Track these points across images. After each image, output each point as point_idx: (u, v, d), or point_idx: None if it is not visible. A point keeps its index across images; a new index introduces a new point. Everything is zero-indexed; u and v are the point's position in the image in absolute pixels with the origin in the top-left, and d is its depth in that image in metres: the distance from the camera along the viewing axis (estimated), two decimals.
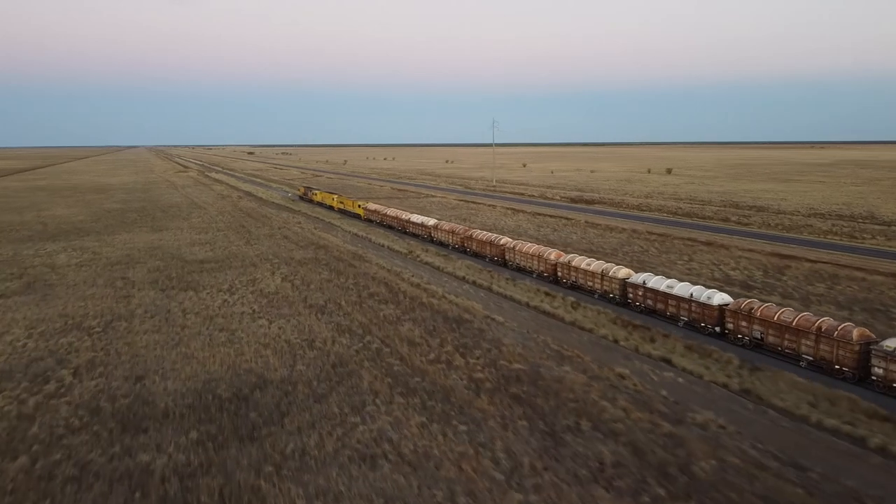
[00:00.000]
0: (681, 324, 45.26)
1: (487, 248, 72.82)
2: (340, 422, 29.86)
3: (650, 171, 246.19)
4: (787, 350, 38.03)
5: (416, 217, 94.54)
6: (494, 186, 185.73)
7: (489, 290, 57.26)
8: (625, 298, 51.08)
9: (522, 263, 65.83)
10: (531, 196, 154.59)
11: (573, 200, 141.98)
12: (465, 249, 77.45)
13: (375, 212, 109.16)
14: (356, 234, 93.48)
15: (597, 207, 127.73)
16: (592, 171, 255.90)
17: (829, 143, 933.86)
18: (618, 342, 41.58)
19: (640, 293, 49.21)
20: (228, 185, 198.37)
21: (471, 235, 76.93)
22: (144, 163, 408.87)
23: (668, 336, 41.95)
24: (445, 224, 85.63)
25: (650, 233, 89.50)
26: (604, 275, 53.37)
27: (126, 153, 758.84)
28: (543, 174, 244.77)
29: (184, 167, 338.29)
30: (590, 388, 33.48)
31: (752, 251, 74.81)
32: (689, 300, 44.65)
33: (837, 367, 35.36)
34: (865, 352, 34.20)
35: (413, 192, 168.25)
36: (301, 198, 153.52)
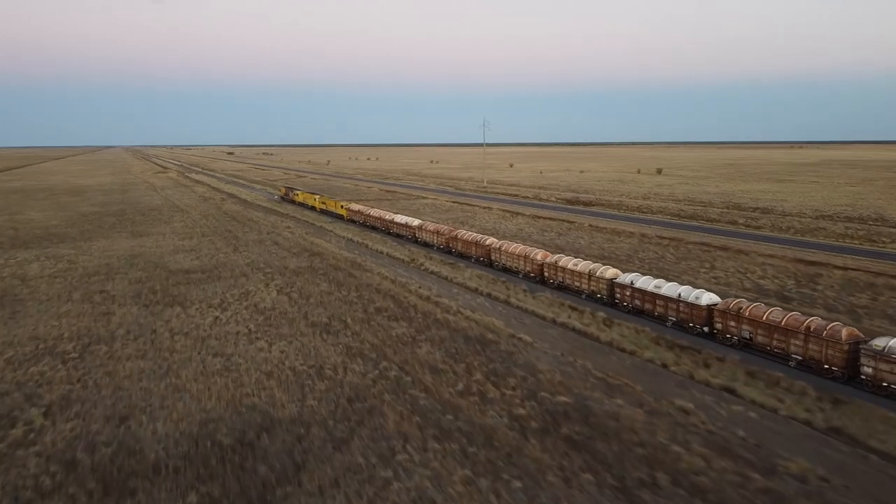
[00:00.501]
0: (669, 324, 44.89)
1: (473, 249, 71.34)
2: (369, 477, 24.91)
3: (640, 172, 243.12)
4: (776, 350, 37.83)
5: (400, 217, 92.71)
6: (486, 187, 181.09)
7: (507, 304, 52.41)
8: (612, 299, 50.67)
9: (508, 264, 64.52)
10: (525, 197, 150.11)
11: (569, 202, 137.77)
12: (451, 250, 75.77)
13: (358, 212, 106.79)
14: (351, 240, 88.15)
15: (596, 209, 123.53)
16: (582, 172, 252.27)
17: (809, 143, 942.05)
18: (667, 367, 36.93)
19: (628, 293, 48.70)
20: (210, 187, 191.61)
21: (456, 236, 75.63)
22: (122, 163, 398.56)
23: (724, 360, 37.33)
24: (430, 224, 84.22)
25: (660, 237, 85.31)
26: (591, 275, 52.90)
27: (103, 153, 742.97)
28: (533, 174, 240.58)
29: (163, 168, 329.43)
30: (653, 428, 28.84)
31: (773, 257, 70.84)
32: (678, 300, 44.28)
33: (826, 367, 35.25)
34: (854, 351, 34.15)
35: (402, 194, 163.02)
36: (282, 198, 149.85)
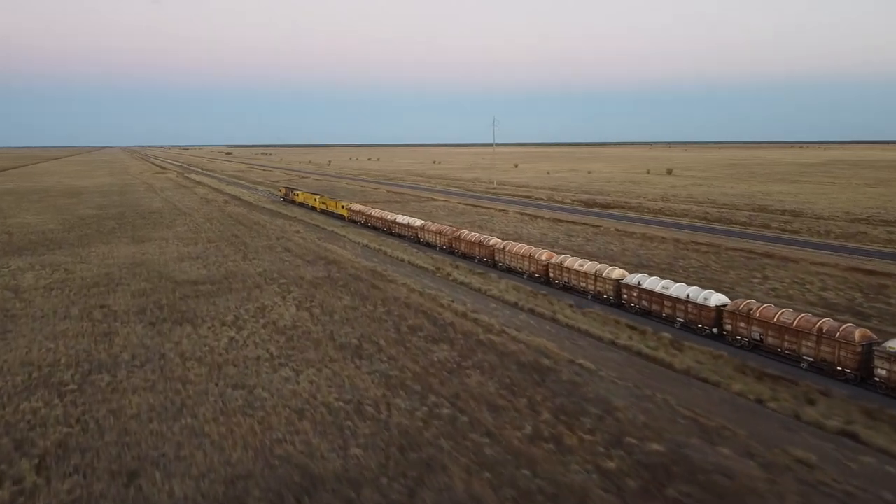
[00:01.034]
0: (677, 325, 44.43)
1: (476, 249, 70.96)
2: None
3: (650, 172, 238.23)
4: (787, 351, 37.34)
5: (402, 218, 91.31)
6: (496, 188, 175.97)
7: (555, 321, 47.13)
8: (619, 300, 50.41)
9: (513, 264, 64.33)
10: (539, 199, 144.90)
11: (586, 204, 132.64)
12: (454, 251, 75.50)
13: (360, 212, 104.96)
14: (367, 246, 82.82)
15: (616, 212, 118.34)
16: (589, 172, 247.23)
17: (808, 144, 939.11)
18: (764, 403, 31.78)
19: (635, 294, 48.34)
20: (211, 188, 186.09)
21: (459, 236, 74.99)
22: (119, 163, 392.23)
23: (828, 395, 32.16)
24: (432, 225, 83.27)
25: (696, 243, 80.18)
26: (597, 276, 52.64)
27: (100, 153, 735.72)
28: (539, 175, 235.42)
29: (161, 168, 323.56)
30: (778, 490, 23.69)
31: (826, 265, 65.78)
32: (686, 301, 43.81)
33: (839, 369, 34.62)
34: (868, 353, 33.50)
35: (411, 196, 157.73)
36: (283, 199, 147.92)
